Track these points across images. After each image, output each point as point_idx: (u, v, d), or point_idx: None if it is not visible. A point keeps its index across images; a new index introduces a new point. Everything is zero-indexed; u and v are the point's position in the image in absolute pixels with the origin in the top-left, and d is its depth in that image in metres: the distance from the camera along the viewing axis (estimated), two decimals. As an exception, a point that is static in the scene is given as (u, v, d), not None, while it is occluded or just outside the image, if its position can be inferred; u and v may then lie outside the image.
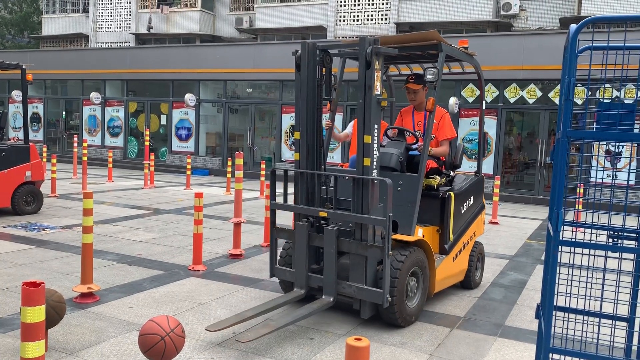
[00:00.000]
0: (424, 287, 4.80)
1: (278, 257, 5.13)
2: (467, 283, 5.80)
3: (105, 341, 4.05)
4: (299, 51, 4.68)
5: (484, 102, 6.22)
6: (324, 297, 4.55)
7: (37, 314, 2.50)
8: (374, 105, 4.34)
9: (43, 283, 2.54)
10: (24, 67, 9.17)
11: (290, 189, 5.36)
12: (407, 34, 5.14)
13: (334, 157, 16.49)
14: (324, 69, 4.69)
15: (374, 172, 4.42)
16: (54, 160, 11.94)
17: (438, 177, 5.28)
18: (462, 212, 5.47)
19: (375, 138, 4.38)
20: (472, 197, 5.72)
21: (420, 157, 4.91)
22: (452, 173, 5.61)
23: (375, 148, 4.39)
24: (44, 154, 14.53)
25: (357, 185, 4.45)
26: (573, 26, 2.52)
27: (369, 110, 4.34)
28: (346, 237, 4.55)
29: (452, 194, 5.18)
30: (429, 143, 4.94)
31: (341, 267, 4.70)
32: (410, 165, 5.22)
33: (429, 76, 4.78)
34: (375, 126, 4.37)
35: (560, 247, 2.60)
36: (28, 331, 2.49)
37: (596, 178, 2.93)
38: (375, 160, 4.41)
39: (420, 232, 4.91)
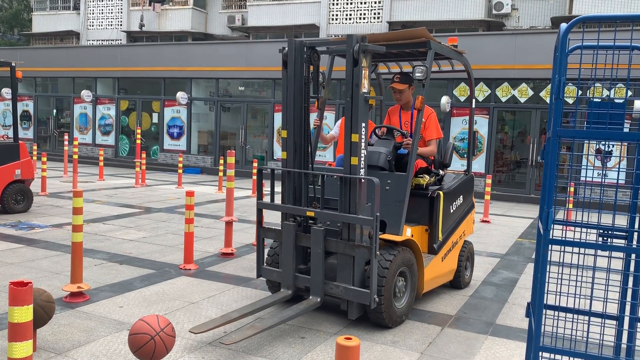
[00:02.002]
0: (413, 288, 4.77)
1: (265, 257, 5.08)
2: (457, 283, 5.78)
3: (95, 341, 4.03)
4: (286, 48, 4.63)
5: (473, 100, 6.20)
6: (311, 297, 4.50)
7: (24, 313, 2.47)
8: (361, 103, 4.29)
9: (31, 282, 2.52)
10: (13, 64, 9.09)
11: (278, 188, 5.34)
12: (396, 32, 5.09)
13: (327, 155, 16.49)
14: (311, 67, 4.64)
15: (362, 171, 4.37)
16: (44, 159, 11.85)
17: (427, 176, 5.25)
18: (452, 211, 5.45)
19: (363, 137, 4.34)
20: (461, 196, 5.69)
21: (409, 156, 4.88)
22: (441, 172, 5.58)
23: (362, 147, 4.35)
24: (34, 152, 14.43)
25: (344, 184, 4.40)
26: (563, 25, 2.52)
27: (357, 108, 4.29)
28: (334, 237, 4.50)
29: (441, 193, 5.16)
30: (418, 142, 4.91)
31: (329, 267, 4.66)
32: (398, 164, 5.18)
33: (417, 74, 4.74)
34: (363, 124, 4.33)
35: (550, 245, 2.61)
36: (16, 331, 2.46)
37: (586, 177, 2.94)
38: (363, 159, 4.37)
39: (408, 232, 4.87)
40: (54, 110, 21.99)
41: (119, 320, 4.48)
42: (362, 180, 4.34)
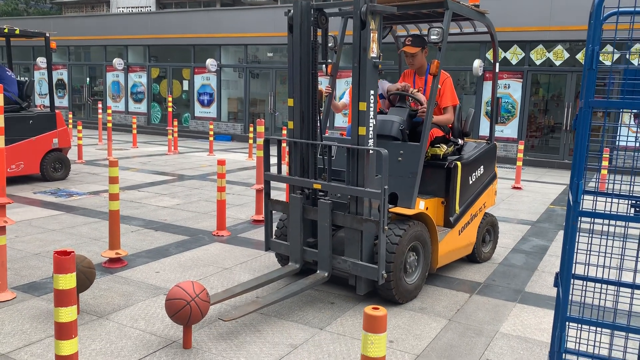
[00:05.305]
0: (425, 263, 4.58)
1: (274, 230, 4.96)
2: (473, 256, 5.53)
3: (133, 305, 4.21)
4: (292, 11, 4.36)
5: (497, 64, 5.81)
6: (318, 272, 4.39)
7: (68, 281, 2.61)
8: (369, 69, 4.01)
9: (73, 252, 2.64)
10: (47, 34, 9.26)
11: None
12: None
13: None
14: (319, 31, 4.36)
15: (370, 141, 4.13)
16: (80, 127, 12.15)
17: (444, 146, 4.97)
18: (471, 182, 5.19)
19: (372, 105, 4.09)
20: (482, 167, 5.41)
21: (423, 125, 4.63)
22: (460, 141, 5.31)
23: (371, 116, 4.10)
24: (70, 121, 14.77)
25: (351, 155, 4.18)
26: (598, -8, 2.45)
27: (364, 74, 4.02)
28: (343, 210, 4.33)
29: (458, 163, 4.90)
30: (432, 109, 4.64)
31: (338, 241, 4.54)
32: (413, 133, 4.93)
33: (433, 37, 4.46)
34: (372, 92, 4.07)
35: (579, 217, 2.59)
36: (60, 297, 2.60)
37: (618, 144, 2.89)
38: (371, 128, 4.13)
39: (422, 205, 4.68)
40: (87, 79, 22.35)
41: (155, 285, 4.66)
42: (370, 152, 4.11)
